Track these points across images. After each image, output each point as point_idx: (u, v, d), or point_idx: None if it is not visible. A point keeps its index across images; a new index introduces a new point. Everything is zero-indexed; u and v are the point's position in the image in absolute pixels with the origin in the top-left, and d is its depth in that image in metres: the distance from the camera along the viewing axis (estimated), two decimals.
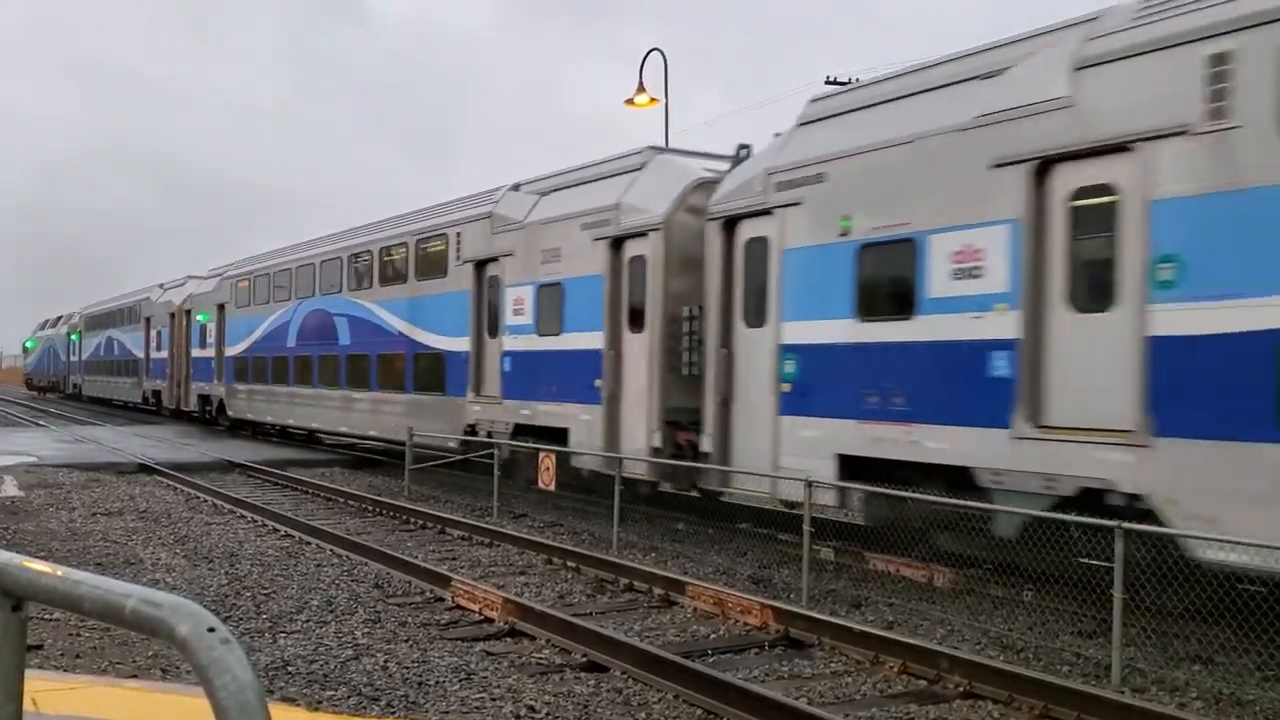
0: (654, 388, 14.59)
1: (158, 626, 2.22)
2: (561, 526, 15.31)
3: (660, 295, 14.61)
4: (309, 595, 10.36)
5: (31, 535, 13.49)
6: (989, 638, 8.97)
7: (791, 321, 12.38)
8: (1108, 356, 9.21)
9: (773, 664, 8.24)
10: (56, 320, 67.56)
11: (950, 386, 10.45)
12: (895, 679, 7.80)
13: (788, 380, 12.37)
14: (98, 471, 21.01)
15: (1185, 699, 7.40)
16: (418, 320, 20.93)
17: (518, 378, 17.54)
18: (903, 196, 10.98)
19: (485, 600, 9.72)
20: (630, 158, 16.26)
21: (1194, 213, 8.57)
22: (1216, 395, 8.36)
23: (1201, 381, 8.48)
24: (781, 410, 12.43)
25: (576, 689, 7.43)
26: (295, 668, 7.81)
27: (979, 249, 10.20)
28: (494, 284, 18.59)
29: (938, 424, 10.54)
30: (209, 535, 13.99)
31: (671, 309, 14.52)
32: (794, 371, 12.32)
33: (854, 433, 11.44)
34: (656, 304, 14.67)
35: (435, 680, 7.55)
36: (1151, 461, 8.72)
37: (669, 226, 14.54)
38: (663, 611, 9.99)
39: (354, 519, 16.18)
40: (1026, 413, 9.74)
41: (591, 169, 17.08)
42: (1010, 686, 7.19)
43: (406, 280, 21.46)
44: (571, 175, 17.53)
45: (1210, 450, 8.36)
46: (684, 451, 14.28)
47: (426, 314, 20.63)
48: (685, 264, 14.42)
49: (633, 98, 24.03)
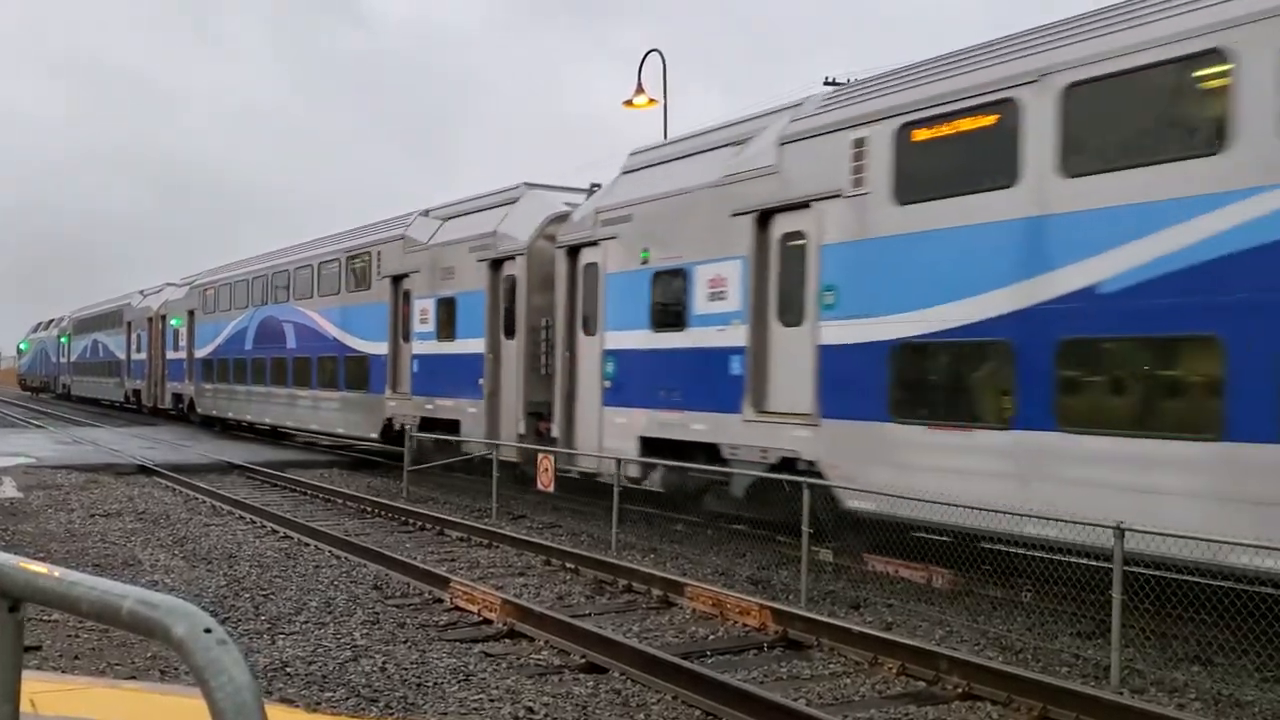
0: (521, 385, 17.63)
1: (154, 627, 2.21)
2: (560, 528, 15.31)
3: (525, 309, 17.59)
4: (307, 596, 10.35)
5: (30, 536, 13.48)
6: (988, 638, 8.97)
7: (612, 331, 15.30)
8: (799, 360, 12.16)
9: (771, 665, 8.24)
10: (48, 323, 70.02)
11: (706, 382, 13.44)
12: (894, 680, 7.80)
13: (609, 379, 15.29)
14: (96, 473, 21.00)
15: (1184, 700, 7.40)
16: (348, 327, 24.00)
17: (423, 377, 20.64)
18: (679, 235, 14.02)
19: (484, 601, 9.71)
20: (509, 191, 19.19)
21: (844, 255, 11.59)
22: (854, 388, 11.35)
23: (846, 378, 11.49)
24: (604, 402, 15.36)
25: (575, 690, 7.43)
26: (294, 669, 7.81)
27: (724, 277, 13.23)
28: (406, 297, 21.48)
29: (699, 411, 13.59)
30: (207, 536, 13.99)
31: (534, 320, 17.45)
32: (612, 371, 15.22)
33: (649, 419, 14.44)
34: (523, 316, 17.64)
35: (434, 681, 7.55)
36: (819, 436, 11.75)
37: (531, 252, 17.55)
38: (661, 613, 9.99)
39: (352, 520, 16.18)
40: (752, 401, 12.78)
41: (481, 200, 20.06)
42: (1009, 687, 7.19)
43: (339, 292, 24.62)
44: (466, 205, 20.51)
45: (851, 428, 11.40)
46: (544, 437, 17.08)
47: (355, 322, 23.68)
48: (544, 283, 17.26)
49: (631, 99, 24.01)
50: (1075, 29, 9.78)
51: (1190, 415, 8.62)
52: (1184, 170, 8.68)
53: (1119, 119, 9.43)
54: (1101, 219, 9.15)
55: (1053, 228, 9.56)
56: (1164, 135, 9.13)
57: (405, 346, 21.43)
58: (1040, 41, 10.07)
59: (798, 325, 12.27)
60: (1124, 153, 9.23)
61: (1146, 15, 9.15)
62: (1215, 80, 8.52)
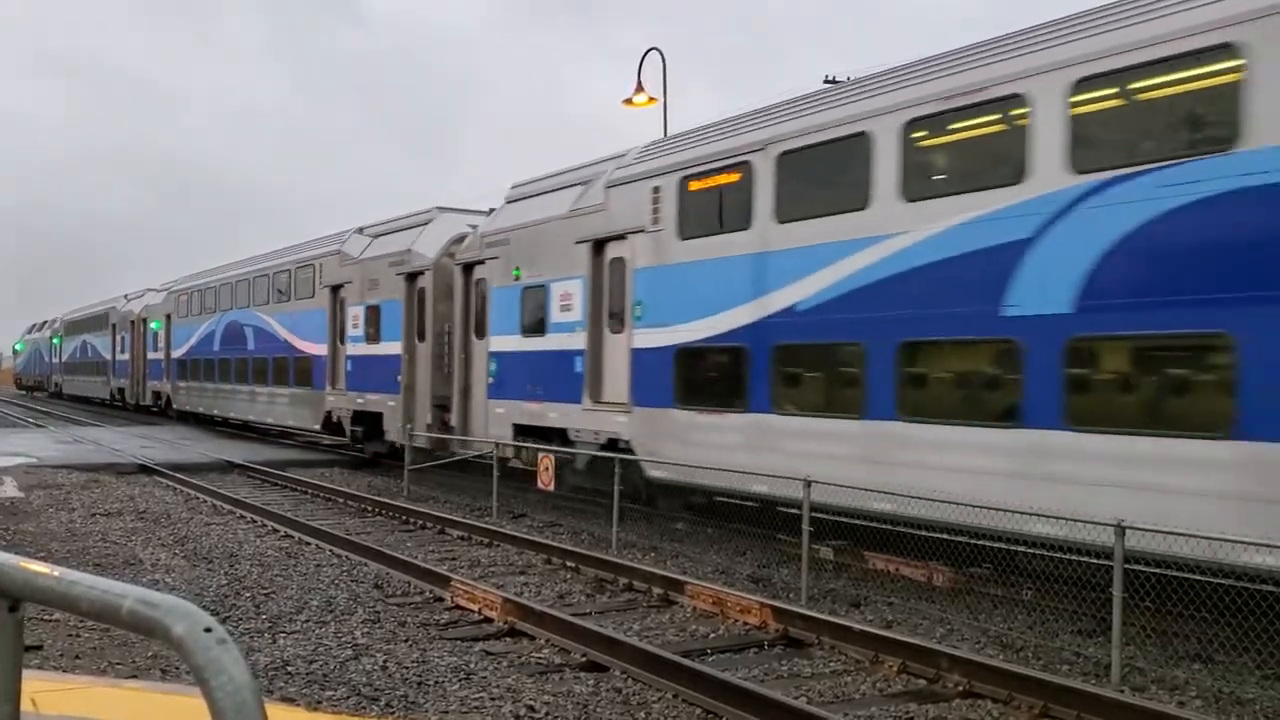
0: (429, 381, 20.72)
1: (154, 627, 2.21)
2: (561, 526, 15.31)
3: (432, 316, 20.66)
4: (308, 595, 10.35)
5: (31, 536, 13.49)
6: (988, 636, 8.97)
7: (494, 336, 18.36)
8: (620, 361, 15.15)
9: (772, 663, 8.24)
10: (41, 325, 73.57)
11: (558, 379, 16.36)
12: (895, 678, 7.80)
13: (492, 376, 18.31)
14: (97, 472, 21.01)
15: (1185, 697, 7.40)
16: (296, 331, 27.21)
17: (355, 375, 23.90)
18: (541, 257, 17.06)
19: (485, 600, 9.72)
20: (425, 214, 22.29)
21: (648, 277, 14.65)
22: (653, 382, 14.41)
23: (648, 375, 14.49)
24: (489, 396, 18.41)
25: (576, 689, 7.43)
26: (295, 668, 7.81)
27: (571, 293, 16.25)
28: (342, 304, 24.66)
29: (554, 402, 16.53)
30: (208, 536, 13.99)
31: (438, 326, 20.55)
32: (494, 370, 18.24)
33: (520, 410, 17.45)
34: (430, 322, 20.71)
35: (435, 680, 7.55)
36: (631, 421, 14.80)
37: (437, 268, 20.64)
38: (662, 611, 9.99)
39: (353, 519, 16.18)
40: (590, 394, 15.72)
41: (402, 220, 23.18)
42: (1010, 685, 7.19)
43: (289, 300, 27.81)
44: (391, 224, 23.64)
45: (651, 413, 14.46)
46: (445, 426, 20.11)
47: (301, 326, 26.88)
48: (447, 294, 20.20)
49: (631, 98, 23.98)
50: (786, 111, 12.88)
51: (848, 401, 11.73)
52: (839, 221, 11.76)
53: (808, 178, 12.44)
54: (796, 256, 12.27)
55: (771, 261, 12.63)
56: (831, 194, 12.11)
57: (341, 348, 24.62)
58: (768, 117, 13.14)
59: (620, 332, 15.27)
60: (809, 205, 12.29)
61: (829, 103, 12.31)
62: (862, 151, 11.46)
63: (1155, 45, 8.95)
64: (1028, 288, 9.76)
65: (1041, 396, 9.57)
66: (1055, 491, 9.25)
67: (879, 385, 11.12)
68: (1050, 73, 9.72)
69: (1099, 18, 9.68)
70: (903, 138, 11.06)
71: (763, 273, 12.66)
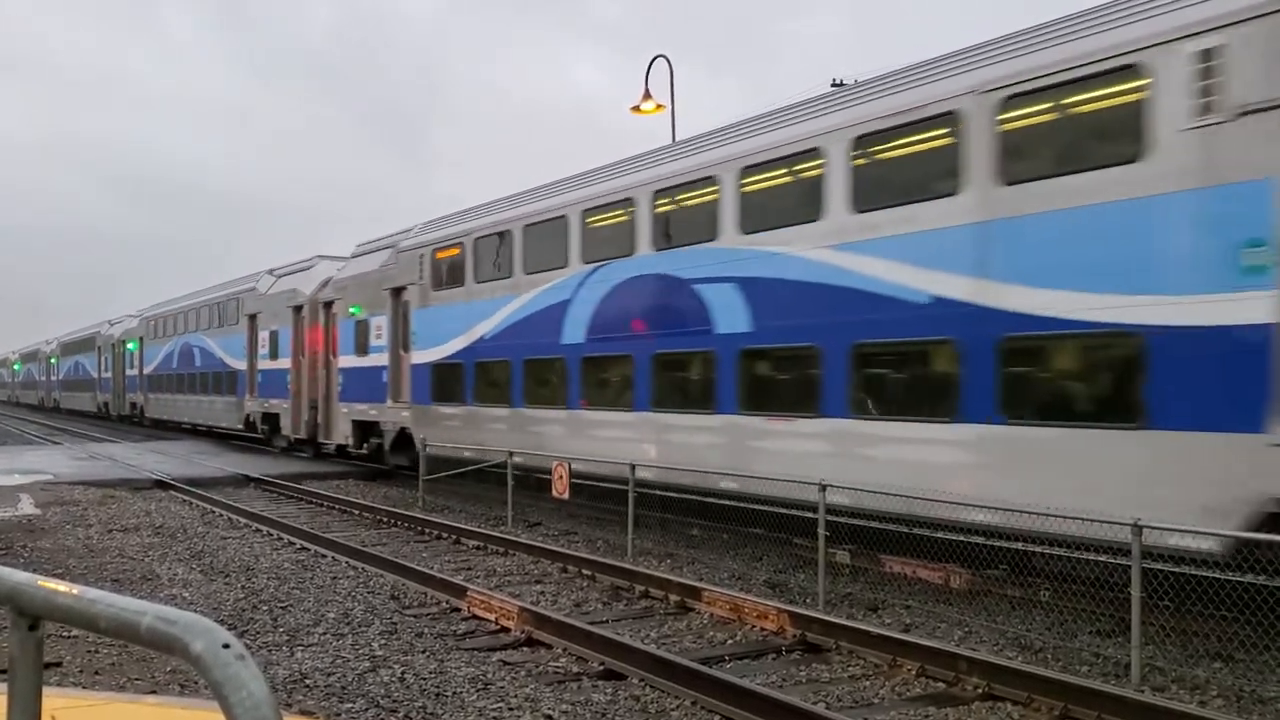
0: (306, 390, 27.67)
1: (173, 644, 2.22)
2: (576, 534, 15.30)
3: (307, 340, 27.59)
4: (325, 608, 10.37)
5: (48, 553, 13.54)
6: (1007, 638, 8.93)
7: (342, 355, 25.35)
8: (406, 373, 21.95)
9: (790, 669, 8.22)
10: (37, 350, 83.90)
11: (375, 386, 23.32)
12: (913, 682, 7.77)
13: (341, 385, 25.29)
14: (113, 488, 21.11)
15: (1206, 697, 7.35)
16: (228, 350, 34.65)
17: (264, 385, 31.28)
18: (367, 299, 24.02)
19: (501, 610, 9.72)
20: (309, 261, 30.21)
21: (419, 315, 21.49)
22: (420, 387, 21.28)
23: (419, 382, 21.35)
24: (339, 400, 25.35)
25: (594, 697, 7.43)
26: (313, 680, 7.82)
27: (382, 325, 23.21)
28: (255, 329, 31.96)
29: (373, 403, 23.49)
30: (224, 549, 14.03)
31: (311, 349, 27.37)
32: (342, 381, 25.30)
33: (355, 409, 24.43)
34: (305, 345, 27.66)
35: (453, 691, 7.55)
36: (411, 414, 21.63)
37: (310, 303, 27.58)
38: (679, 618, 9.98)
39: (369, 531, 16.21)
40: (391, 396, 22.62)
41: (296, 264, 31.17)
42: (1029, 687, 7.16)
43: (222, 325, 35.34)
44: (289, 267, 31.71)
45: (420, 409, 21.28)
46: (317, 426, 26.99)
47: (230, 346, 34.29)
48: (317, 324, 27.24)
49: (639, 105, 24.01)
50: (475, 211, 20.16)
51: (503, 396, 18.55)
52: (504, 284, 18.50)
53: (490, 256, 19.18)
54: (487, 304, 19.07)
55: (475, 308, 19.34)
56: (497, 267, 18.90)
57: (255, 364, 32.01)
58: (469, 213, 20.23)
59: (407, 352, 21.92)
60: (494, 273, 19.11)
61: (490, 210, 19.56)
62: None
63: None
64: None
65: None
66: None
67: (518, 385, 18.12)
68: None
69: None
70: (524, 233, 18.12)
71: (470, 315, 19.50)
